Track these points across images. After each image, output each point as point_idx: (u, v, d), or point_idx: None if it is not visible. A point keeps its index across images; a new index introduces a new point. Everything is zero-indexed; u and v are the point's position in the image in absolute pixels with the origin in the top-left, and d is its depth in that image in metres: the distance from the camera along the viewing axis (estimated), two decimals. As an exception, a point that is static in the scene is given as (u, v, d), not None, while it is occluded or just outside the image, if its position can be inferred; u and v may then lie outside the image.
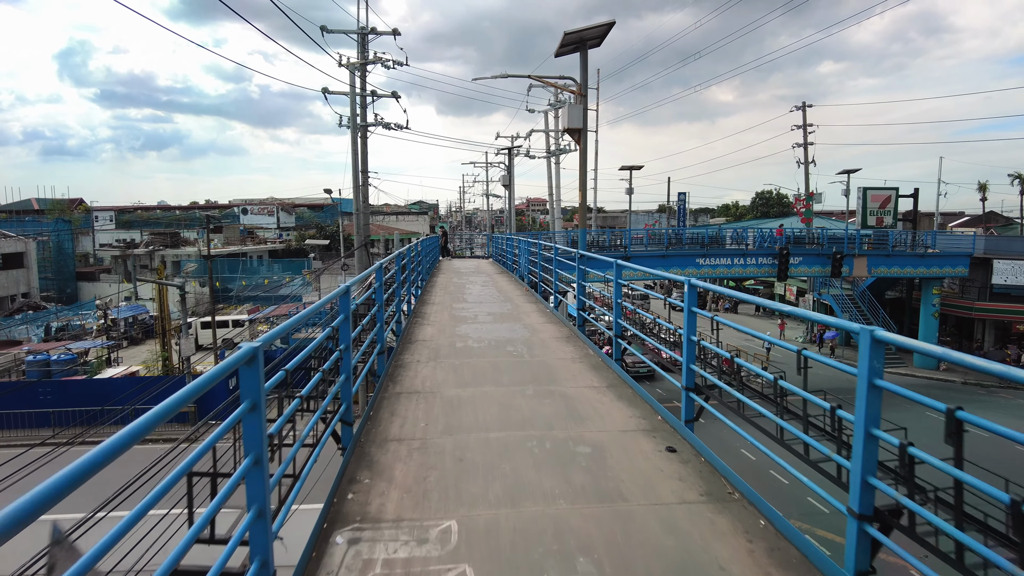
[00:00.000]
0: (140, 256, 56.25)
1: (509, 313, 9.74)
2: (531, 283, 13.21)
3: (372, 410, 4.87)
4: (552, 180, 32.96)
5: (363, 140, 22.08)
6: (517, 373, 5.97)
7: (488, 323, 8.82)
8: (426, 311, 9.94)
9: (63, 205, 66.71)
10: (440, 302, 11.13)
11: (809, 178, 37.60)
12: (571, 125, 11.14)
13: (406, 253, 9.10)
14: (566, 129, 10.11)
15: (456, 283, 14.82)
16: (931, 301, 30.31)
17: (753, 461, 14.23)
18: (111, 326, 37.00)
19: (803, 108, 37.21)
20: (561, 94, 30.88)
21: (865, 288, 34.43)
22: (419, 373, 5.96)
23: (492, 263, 23.38)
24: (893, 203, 33.30)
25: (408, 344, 7.31)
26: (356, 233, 22.18)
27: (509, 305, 10.65)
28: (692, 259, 27.10)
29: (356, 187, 21.86)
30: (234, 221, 69.30)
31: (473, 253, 38.34)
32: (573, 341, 7.59)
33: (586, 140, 10.13)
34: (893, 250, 29.06)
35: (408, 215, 77.00)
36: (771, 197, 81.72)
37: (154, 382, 20.60)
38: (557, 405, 4.99)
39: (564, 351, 7.02)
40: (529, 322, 8.93)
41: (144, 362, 25.78)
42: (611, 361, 6.35)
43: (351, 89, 21.46)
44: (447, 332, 8.12)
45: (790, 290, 44.38)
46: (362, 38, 21.85)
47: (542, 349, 7.12)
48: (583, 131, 10.53)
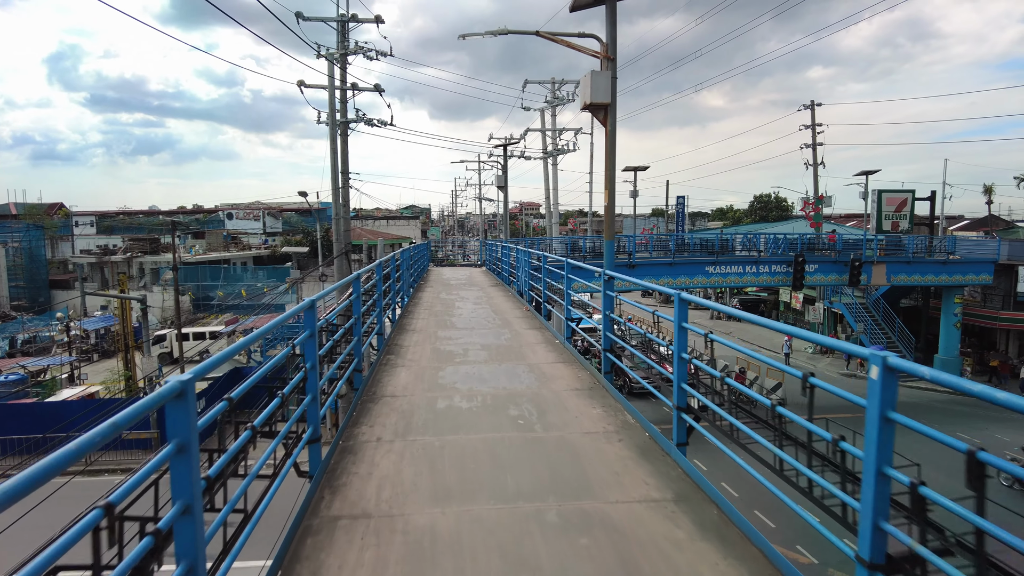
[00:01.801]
0: (118, 263, 53.80)
1: (508, 346, 7.68)
2: (530, 298, 11.21)
3: (282, 563, 2.80)
4: (549, 182, 30.96)
5: (343, 138, 20.04)
6: (528, 469, 3.89)
7: (482, 363, 6.76)
8: (403, 342, 7.87)
9: (40, 210, 64.17)
10: (423, 328, 9.06)
11: (818, 180, 35.79)
12: (595, 99, 8.29)
13: (378, 274, 7.04)
14: (588, 105, 7.80)
15: (444, 300, 12.76)
16: (952, 310, 28.50)
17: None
18: (77, 339, 34.68)
19: (812, 107, 35.45)
20: (559, 90, 28.93)
21: (879, 296, 32.59)
22: (375, 469, 3.88)
23: (485, 272, 21.33)
24: (909, 207, 31.54)
25: (369, 405, 5.23)
26: (335, 240, 20.08)
27: (507, 333, 8.60)
28: (701, 267, 25.16)
29: (335, 189, 19.77)
30: (218, 226, 66.94)
31: (466, 257, 36.29)
32: (599, 396, 5.52)
33: (614, 119, 7.78)
34: (914, 257, 27.23)
35: (399, 219, 74.87)
36: (769, 201, 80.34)
37: (104, 406, 18.37)
38: (603, 555, 2.92)
39: (591, 416, 4.96)
40: (535, 360, 6.88)
41: (104, 381, 23.51)
42: (665, 440, 4.29)
43: (329, 81, 19.42)
44: (427, 380, 6.06)
45: (796, 298, 42.49)
46: (342, 26, 19.83)
47: (559, 412, 5.05)
48: (611, 107, 8.03)
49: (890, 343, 31.22)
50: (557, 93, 28.91)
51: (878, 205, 31.55)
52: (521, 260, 12.35)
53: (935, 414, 22.89)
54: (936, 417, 22.43)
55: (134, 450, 21.13)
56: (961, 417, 22.83)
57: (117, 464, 20.58)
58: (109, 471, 20.27)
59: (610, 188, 7.86)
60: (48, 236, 61.05)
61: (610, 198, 7.93)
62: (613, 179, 7.90)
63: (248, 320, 34.86)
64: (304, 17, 19.16)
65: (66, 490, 8.16)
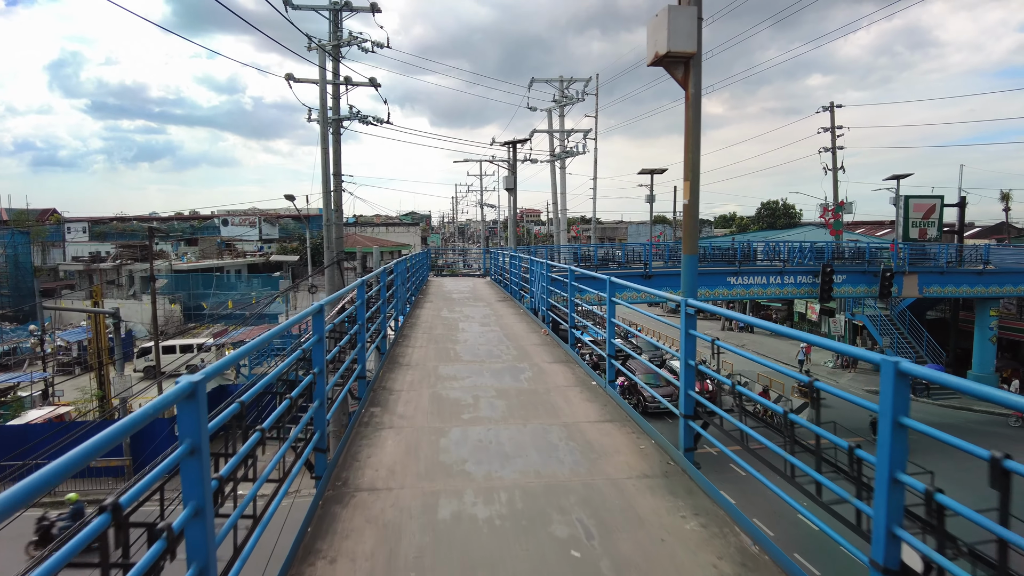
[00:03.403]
0: (107, 271, 51.97)
1: (532, 391, 5.84)
2: (545, 316, 9.43)
3: None
4: (556, 186, 29.17)
5: (336, 136, 18.30)
6: None
7: (500, 421, 4.92)
8: (394, 385, 6.04)
9: (31, 216, 62.49)
10: (419, 361, 7.23)
11: (838, 185, 34.01)
12: (674, 47, 5.65)
13: (360, 296, 5.23)
14: (663, 56, 5.32)
15: (446, 319, 10.92)
16: (988, 324, 26.66)
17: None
18: (60, 350, 32.83)
19: (831, 109, 33.73)
20: (567, 89, 27.21)
21: (905, 307, 30.73)
22: None
23: (490, 284, 19.48)
24: (938, 213, 29.75)
25: (335, 509, 3.38)
26: (326, 247, 18.27)
27: (527, 369, 6.75)
28: (722, 278, 23.35)
29: (326, 192, 18.00)
30: (214, 232, 65.13)
31: (467, 265, 34.43)
32: (684, 490, 3.65)
33: (699, 77, 5.58)
34: (947, 267, 25.41)
35: (399, 226, 73.08)
36: (777, 208, 78.60)
37: (68, 429, 16.46)
38: None
39: (684, 537, 3.11)
40: (572, 416, 5.05)
41: (75, 400, 21.61)
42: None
43: (320, 73, 17.69)
44: (423, 455, 4.22)
45: (812, 308, 40.59)
46: (334, 15, 18.15)
47: (632, 530, 3.17)
48: (695, 59, 5.73)
49: (919, 358, 29.35)
50: (565, 92, 27.18)
51: (904, 211, 29.78)
52: (536, 273, 10.52)
53: (973, 435, 20.99)
54: (973, 439, 20.57)
55: (104, 478, 19.21)
56: (1005, 440, 20.94)
57: (84, 495, 18.67)
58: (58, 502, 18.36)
59: (692, 177, 5.54)
60: (39, 242, 59.34)
61: (693, 192, 5.38)
62: (697, 163, 5.58)
63: (237, 332, 32.98)
64: (294, 5, 17.50)
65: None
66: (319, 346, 3.71)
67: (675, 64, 5.50)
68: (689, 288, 5.48)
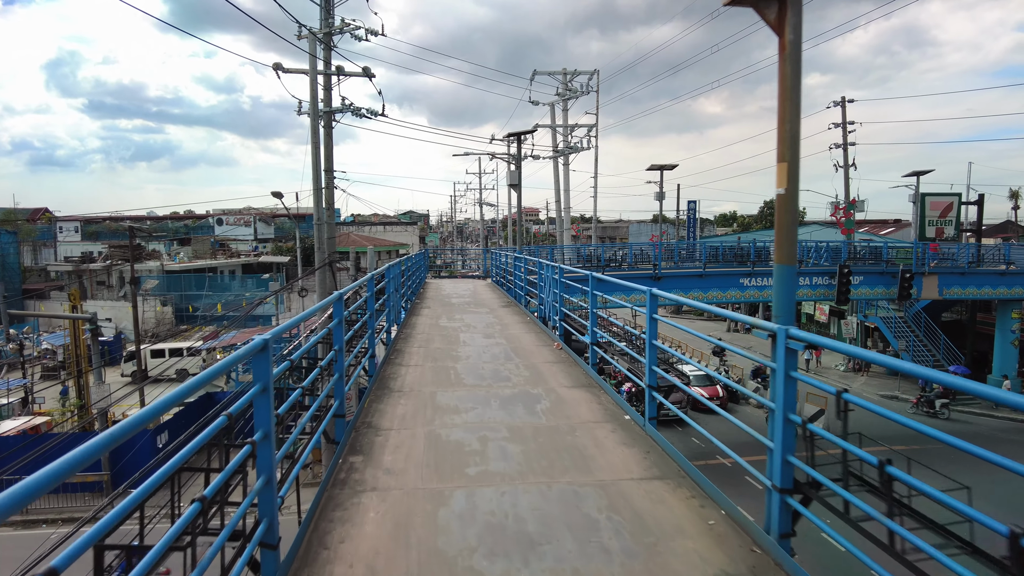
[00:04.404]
0: (97, 271, 50.73)
1: (553, 428, 4.70)
2: (556, 326, 8.31)
3: None
4: (559, 183, 28.03)
5: (327, 130, 17.16)
6: None
7: (517, 478, 3.77)
8: (381, 421, 4.90)
9: (21, 215, 61.24)
10: (413, 385, 6.09)
11: (849, 183, 32.89)
12: None
13: (337, 314, 4.12)
14: None
15: (445, 329, 9.77)
16: (1010, 326, 25.59)
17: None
18: (46, 353, 31.65)
19: (843, 104, 32.59)
20: (571, 82, 26.06)
21: (920, 309, 29.63)
22: None
23: (491, 287, 18.34)
24: (955, 211, 28.67)
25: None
26: (317, 248, 17.13)
27: (543, 397, 5.62)
28: (735, 279, 22.24)
29: (316, 189, 16.86)
30: (208, 232, 63.85)
31: (466, 266, 33.27)
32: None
33: (799, 20, 4.16)
34: (969, 267, 24.32)
35: (397, 225, 71.81)
36: (780, 206, 77.51)
37: (38, 442, 15.31)
38: None
39: None
40: (611, 470, 3.90)
41: (51, 410, 20.42)
42: None
43: (311, 61, 16.55)
44: (416, 538, 3.07)
45: (821, 309, 39.49)
46: (326, 1, 17.00)
47: None
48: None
49: (936, 362, 28.28)
50: (569, 85, 26.04)
51: (921, 209, 28.70)
52: (546, 278, 9.38)
53: (980, 439, 19.88)
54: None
55: (80, 493, 18.03)
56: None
57: (58, 512, 17.50)
58: (47, 521, 17.19)
59: (792, 157, 3.74)
60: (29, 242, 58.11)
61: (792, 177, 4.06)
62: (797, 137, 3.97)
63: (229, 335, 31.79)
64: (281, -11, 16.34)
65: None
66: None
67: (767, 1, 4.18)
68: (785, 311, 4.16)
